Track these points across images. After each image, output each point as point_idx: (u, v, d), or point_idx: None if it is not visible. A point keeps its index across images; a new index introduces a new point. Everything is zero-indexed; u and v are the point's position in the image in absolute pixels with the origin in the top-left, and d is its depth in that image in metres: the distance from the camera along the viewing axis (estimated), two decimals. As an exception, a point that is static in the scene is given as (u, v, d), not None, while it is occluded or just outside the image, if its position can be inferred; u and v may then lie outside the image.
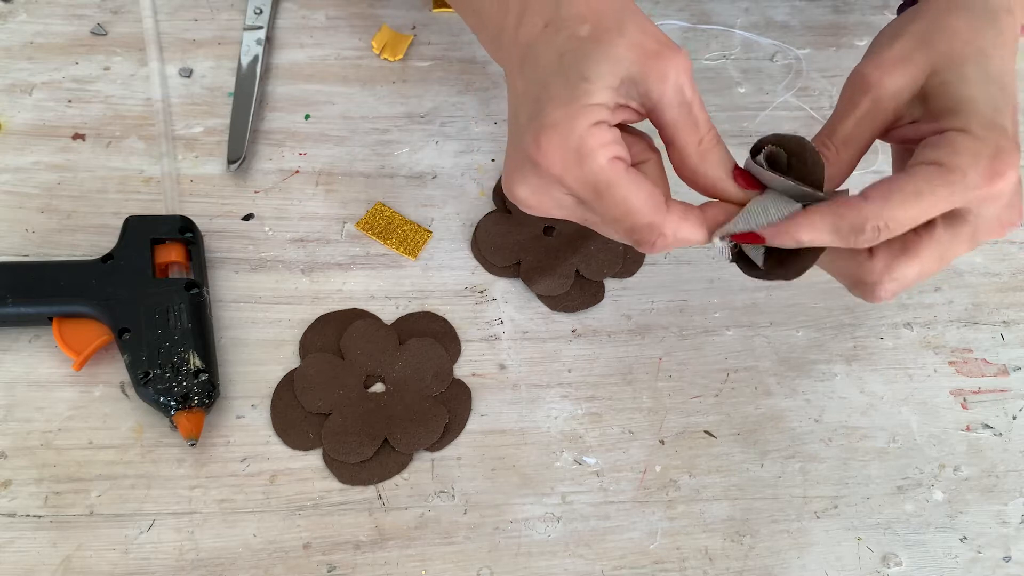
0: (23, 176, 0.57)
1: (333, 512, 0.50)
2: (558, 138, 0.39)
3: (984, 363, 0.56)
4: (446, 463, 0.51)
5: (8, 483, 0.49)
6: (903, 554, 0.50)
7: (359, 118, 0.61)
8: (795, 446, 0.53)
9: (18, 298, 0.51)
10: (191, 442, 0.49)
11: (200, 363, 0.50)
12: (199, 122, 0.60)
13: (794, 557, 0.50)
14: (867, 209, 0.40)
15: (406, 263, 0.56)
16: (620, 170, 0.40)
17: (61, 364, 0.52)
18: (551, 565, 0.49)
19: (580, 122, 0.39)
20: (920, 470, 0.53)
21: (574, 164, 0.39)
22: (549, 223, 0.57)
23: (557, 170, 0.40)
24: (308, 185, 0.58)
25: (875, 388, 0.55)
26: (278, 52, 0.63)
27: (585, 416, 0.53)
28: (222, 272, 0.55)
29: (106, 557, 0.48)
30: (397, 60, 0.63)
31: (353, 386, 0.52)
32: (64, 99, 0.60)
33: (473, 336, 0.55)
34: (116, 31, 0.62)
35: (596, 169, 0.39)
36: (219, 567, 0.48)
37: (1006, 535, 0.51)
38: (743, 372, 0.55)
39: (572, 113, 0.39)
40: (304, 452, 0.51)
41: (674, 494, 0.51)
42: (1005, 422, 0.54)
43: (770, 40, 0.66)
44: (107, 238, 0.55)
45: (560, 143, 0.39)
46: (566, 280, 0.56)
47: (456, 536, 0.49)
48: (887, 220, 0.39)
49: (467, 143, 0.60)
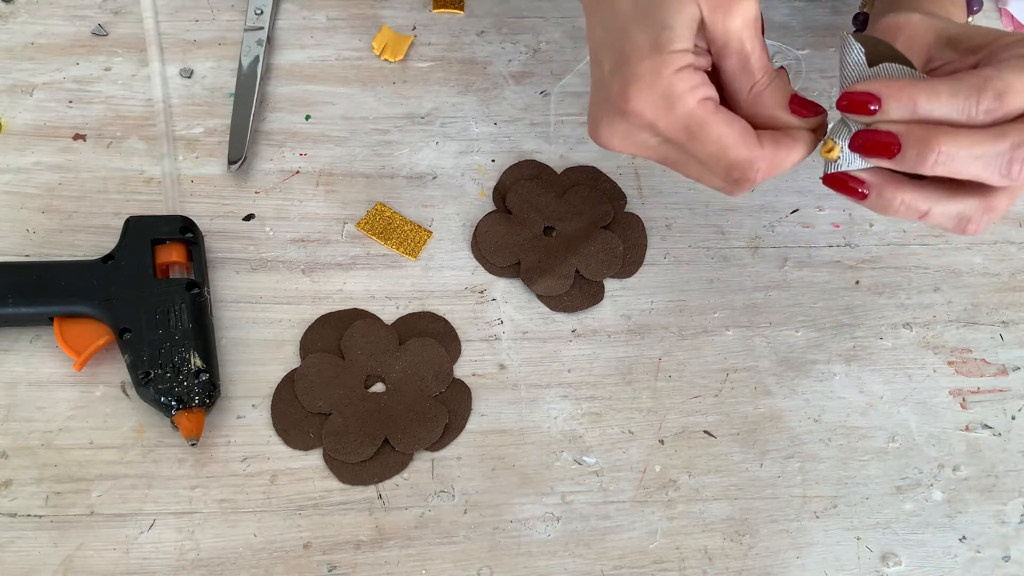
0: (24, 176, 0.57)
1: (333, 512, 0.50)
2: (646, 88, 0.39)
3: (983, 363, 0.56)
4: (446, 463, 0.51)
5: (9, 483, 0.49)
6: (902, 554, 0.51)
7: (359, 119, 0.61)
8: (794, 446, 0.53)
9: (19, 298, 0.51)
10: (192, 442, 0.49)
11: (201, 363, 0.50)
12: (200, 122, 0.60)
13: (793, 557, 0.50)
14: (984, 72, 0.38)
15: (406, 263, 0.57)
16: (711, 109, 0.40)
17: (62, 364, 0.52)
18: (551, 565, 0.49)
19: (666, 69, 0.39)
20: (919, 470, 0.53)
21: (664, 110, 0.39)
22: (549, 223, 0.57)
23: (648, 117, 0.40)
24: (309, 185, 0.58)
25: (874, 388, 0.55)
26: (279, 53, 0.63)
27: (585, 416, 0.53)
28: (223, 272, 0.55)
29: (107, 557, 0.48)
30: (397, 61, 0.63)
31: (353, 386, 0.52)
32: (65, 99, 0.60)
33: (473, 336, 0.55)
34: (117, 32, 0.62)
35: (687, 111, 0.39)
36: (220, 567, 0.48)
37: (1005, 535, 0.51)
38: (742, 372, 0.55)
39: (658, 63, 0.39)
40: (304, 452, 0.51)
41: (674, 494, 0.51)
42: (1004, 422, 0.54)
43: (770, 40, 0.65)
44: (108, 238, 0.55)
45: (648, 92, 0.39)
46: (566, 280, 0.56)
47: (456, 536, 0.50)
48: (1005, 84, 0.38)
49: (467, 143, 0.61)
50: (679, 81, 0.39)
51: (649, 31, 0.39)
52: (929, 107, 0.38)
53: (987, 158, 0.38)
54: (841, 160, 0.41)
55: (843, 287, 0.58)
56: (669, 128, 0.40)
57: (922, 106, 0.39)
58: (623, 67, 0.40)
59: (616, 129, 0.42)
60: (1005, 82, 0.38)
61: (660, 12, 0.39)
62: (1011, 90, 0.38)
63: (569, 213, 0.58)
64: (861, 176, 0.41)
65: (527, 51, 0.64)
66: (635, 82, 0.39)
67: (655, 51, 0.39)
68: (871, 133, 0.39)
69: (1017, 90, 0.38)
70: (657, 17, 0.39)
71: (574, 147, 0.61)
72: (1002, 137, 0.38)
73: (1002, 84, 0.38)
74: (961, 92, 0.38)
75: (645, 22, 0.40)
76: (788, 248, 0.58)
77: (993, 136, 0.38)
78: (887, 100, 0.39)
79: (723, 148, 0.40)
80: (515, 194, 0.58)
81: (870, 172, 0.41)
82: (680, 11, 0.39)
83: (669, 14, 0.39)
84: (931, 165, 0.38)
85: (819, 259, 0.58)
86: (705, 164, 0.41)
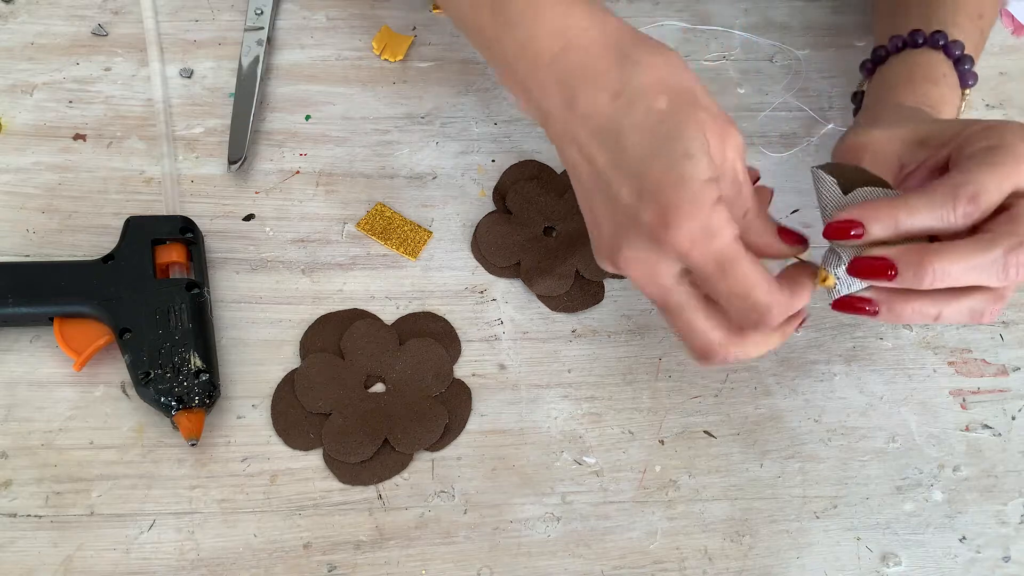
0: (24, 176, 0.57)
1: (333, 512, 0.50)
2: (688, 217, 0.39)
3: (983, 363, 0.56)
4: (446, 463, 0.51)
5: (9, 483, 0.49)
6: (902, 554, 0.51)
7: (359, 119, 0.61)
8: (794, 446, 0.53)
9: (19, 298, 0.51)
10: (192, 442, 0.49)
11: (201, 363, 0.50)
12: (200, 123, 0.60)
13: (793, 557, 0.50)
14: (953, 179, 0.40)
15: (406, 263, 0.57)
16: (742, 248, 0.40)
17: (62, 364, 0.52)
18: (551, 565, 0.49)
19: (705, 199, 0.39)
20: (919, 470, 0.53)
21: (703, 241, 0.40)
22: (549, 223, 0.57)
23: (685, 247, 0.40)
24: (309, 185, 0.58)
25: (874, 388, 0.55)
26: (279, 53, 0.63)
27: (585, 416, 0.53)
28: (223, 272, 0.55)
29: (107, 557, 0.48)
30: (397, 61, 0.63)
31: (353, 386, 0.52)
32: (65, 99, 0.60)
33: (473, 336, 0.55)
34: (117, 32, 0.62)
35: (724, 245, 0.40)
36: (220, 567, 0.48)
37: (1005, 535, 0.51)
38: (742, 372, 0.55)
39: (696, 193, 0.39)
40: (304, 452, 0.51)
41: (674, 494, 0.51)
42: (1004, 422, 0.54)
43: (770, 41, 0.66)
44: (108, 238, 0.55)
45: (689, 221, 0.39)
46: (566, 280, 0.56)
47: (456, 536, 0.50)
48: (977, 186, 0.40)
49: (467, 143, 0.61)
50: (717, 214, 0.40)
51: (671, 165, 0.40)
52: (910, 222, 0.40)
53: (982, 267, 0.40)
54: (840, 286, 0.42)
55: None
56: (703, 259, 0.40)
57: (903, 222, 0.40)
58: (657, 195, 0.40)
59: (640, 256, 0.42)
60: (976, 185, 0.40)
61: (677, 143, 0.40)
62: (983, 191, 0.40)
63: (569, 213, 0.58)
64: (867, 295, 0.42)
65: (527, 51, 0.64)
66: (675, 210, 0.39)
67: (688, 181, 0.39)
68: (867, 260, 0.41)
69: (989, 189, 0.40)
70: (675, 148, 0.40)
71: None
72: (992, 246, 0.40)
73: (973, 188, 0.40)
74: (936, 202, 0.40)
75: (664, 153, 0.40)
76: (788, 248, 0.58)
77: (984, 246, 0.40)
78: (869, 223, 0.40)
79: (750, 287, 0.40)
80: (515, 194, 0.58)
81: (875, 290, 0.42)
82: (695, 141, 0.40)
83: (687, 144, 0.40)
84: (929, 283, 0.40)
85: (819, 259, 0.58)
86: (727, 302, 0.41)
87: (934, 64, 0.52)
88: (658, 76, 0.41)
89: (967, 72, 0.53)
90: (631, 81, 0.41)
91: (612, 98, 0.42)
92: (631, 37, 0.43)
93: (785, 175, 0.60)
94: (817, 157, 0.61)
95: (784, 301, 0.41)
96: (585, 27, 0.43)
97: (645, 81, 0.41)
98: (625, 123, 0.41)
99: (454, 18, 0.50)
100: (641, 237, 0.41)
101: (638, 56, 0.42)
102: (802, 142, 0.62)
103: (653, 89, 0.41)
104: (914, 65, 0.53)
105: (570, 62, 0.43)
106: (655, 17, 0.66)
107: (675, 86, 0.41)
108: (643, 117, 0.41)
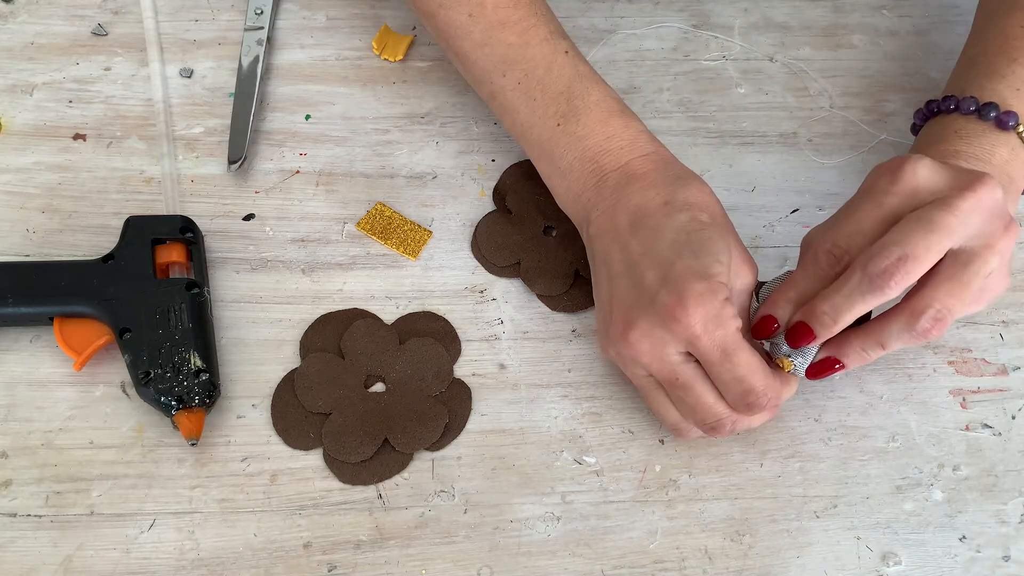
0: (24, 176, 0.57)
1: (333, 512, 0.50)
2: (703, 304, 0.45)
3: (983, 363, 0.56)
4: (446, 463, 0.51)
5: (9, 483, 0.49)
6: (902, 553, 0.51)
7: (359, 118, 0.61)
8: (794, 446, 0.53)
9: (19, 298, 0.51)
10: (192, 442, 0.49)
11: (201, 363, 0.50)
12: (200, 122, 0.60)
13: (793, 556, 0.50)
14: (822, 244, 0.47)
15: (406, 263, 0.57)
16: (744, 338, 0.46)
17: (62, 364, 0.52)
18: (551, 564, 0.49)
19: (720, 293, 0.46)
20: (919, 470, 0.53)
21: (713, 326, 0.45)
22: (549, 223, 0.57)
23: (697, 329, 0.45)
24: (309, 185, 0.58)
25: (874, 388, 0.55)
26: (279, 52, 0.63)
27: (585, 416, 0.53)
28: (223, 272, 0.55)
29: (107, 557, 0.48)
30: (397, 60, 0.63)
31: (353, 386, 0.52)
32: (65, 99, 0.60)
33: (473, 336, 0.55)
34: (117, 32, 0.62)
35: (729, 332, 0.45)
36: (220, 566, 0.48)
37: (1005, 534, 0.51)
38: (743, 372, 0.55)
39: (715, 286, 0.45)
40: (304, 452, 0.51)
41: (674, 493, 0.51)
42: (1004, 422, 0.54)
43: (769, 40, 0.66)
44: (108, 238, 0.55)
45: (704, 308, 0.45)
46: (566, 280, 0.56)
47: (456, 536, 0.50)
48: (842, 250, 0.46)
49: (467, 143, 0.61)
50: (727, 306, 0.46)
51: (699, 260, 0.46)
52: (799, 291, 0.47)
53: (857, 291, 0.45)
54: (797, 366, 0.48)
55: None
56: (710, 343, 0.45)
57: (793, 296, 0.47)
58: (678, 283, 0.46)
59: (652, 333, 0.46)
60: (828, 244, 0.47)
61: (710, 246, 0.47)
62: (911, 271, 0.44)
63: (569, 213, 0.58)
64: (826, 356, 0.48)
65: (527, 51, 0.64)
66: (693, 297, 0.45)
67: (709, 276, 0.46)
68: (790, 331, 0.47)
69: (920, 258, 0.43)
70: (708, 250, 0.46)
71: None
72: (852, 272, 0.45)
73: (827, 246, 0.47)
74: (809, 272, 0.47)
75: (695, 251, 0.46)
76: (788, 248, 0.58)
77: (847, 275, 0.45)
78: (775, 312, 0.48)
79: (749, 372, 0.46)
80: (515, 194, 0.58)
81: (832, 347, 0.48)
82: (724, 252, 0.47)
83: (718, 249, 0.47)
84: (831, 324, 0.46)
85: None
86: (725, 386, 0.46)
87: (955, 121, 0.53)
88: (703, 200, 0.49)
89: (1001, 117, 0.51)
90: (678, 195, 0.49)
91: (662, 204, 0.49)
92: (678, 164, 0.51)
93: (784, 175, 0.61)
94: (817, 156, 0.61)
95: (776, 386, 0.47)
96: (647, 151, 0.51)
97: (691, 199, 0.48)
98: (667, 224, 0.48)
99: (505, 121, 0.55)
100: (656, 316, 0.46)
101: (690, 182, 0.49)
102: (801, 142, 0.62)
103: (697, 205, 0.48)
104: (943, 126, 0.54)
105: (632, 170, 0.50)
106: (655, 17, 0.66)
107: (716, 210, 0.49)
108: (686, 223, 0.47)
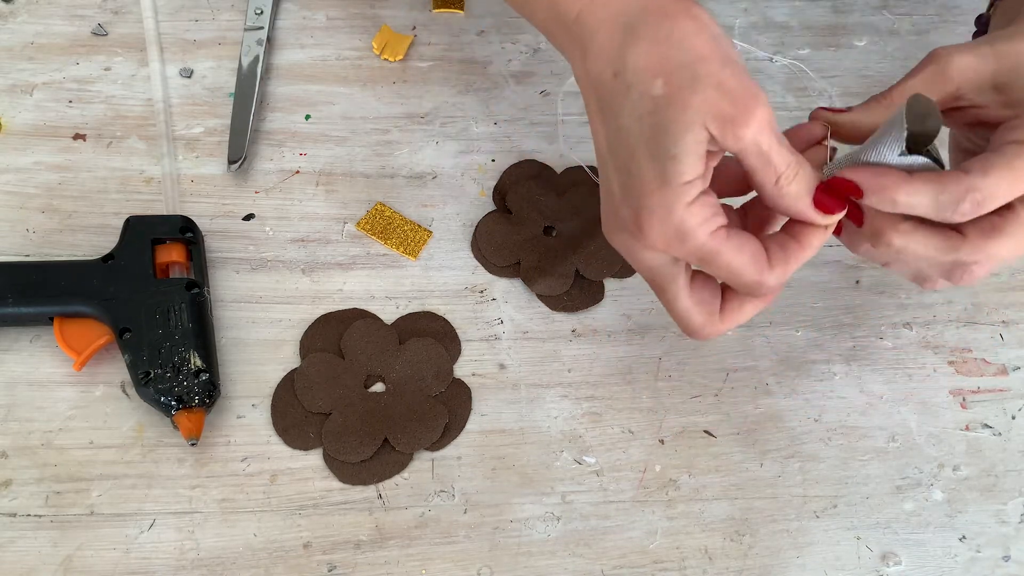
0: (24, 176, 0.57)
1: (333, 512, 0.50)
2: (659, 222, 0.40)
3: (983, 363, 0.56)
4: (446, 463, 0.51)
5: (9, 483, 0.49)
6: (902, 553, 0.51)
7: (359, 118, 0.61)
8: (794, 446, 0.53)
9: (19, 298, 0.51)
10: (192, 442, 0.49)
11: (201, 363, 0.50)
12: (200, 122, 0.60)
13: (793, 556, 0.50)
14: (968, 181, 0.39)
15: (406, 263, 0.57)
16: (721, 238, 0.41)
17: (62, 364, 0.52)
18: (551, 564, 0.49)
19: (678, 205, 0.39)
20: (919, 470, 0.53)
21: (677, 243, 0.40)
22: (549, 223, 0.57)
23: (660, 247, 0.41)
24: (308, 185, 0.58)
25: (874, 388, 0.55)
26: (278, 52, 0.63)
27: (585, 416, 0.53)
28: (223, 272, 0.55)
29: (107, 557, 0.48)
30: (397, 60, 0.63)
31: (353, 386, 0.52)
32: (65, 99, 0.60)
33: (473, 336, 0.55)
34: (117, 31, 0.62)
35: (699, 244, 0.40)
36: (220, 566, 0.48)
37: (1005, 534, 0.51)
38: (742, 372, 0.55)
39: (669, 198, 0.39)
40: (304, 452, 0.51)
41: (674, 493, 0.51)
42: (1004, 422, 0.54)
43: (769, 40, 0.66)
44: (108, 238, 0.55)
45: (661, 226, 0.40)
46: (566, 280, 0.56)
47: (456, 536, 0.50)
48: (986, 193, 0.39)
49: (467, 143, 0.61)
50: (690, 216, 0.40)
51: (656, 161, 0.39)
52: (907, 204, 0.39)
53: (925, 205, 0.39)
54: None
55: (843, 286, 0.58)
56: (682, 254, 0.41)
57: (900, 203, 0.39)
58: (633, 197, 0.40)
59: (628, 246, 0.43)
60: (985, 193, 0.39)
61: (665, 139, 0.39)
62: (991, 199, 0.39)
63: (569, 213, 0.58)
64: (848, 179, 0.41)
65: (527, 51, 0.64)
66: (648, 216, 0.40)
67: (664, 184, 0.39)
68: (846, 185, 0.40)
69: (997, 197, 0.39)
70: (663, 144, 0.39)
71: (574, 147, 0.61)
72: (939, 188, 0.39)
73: (982, 195, 0.39)
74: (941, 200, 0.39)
75: (651, 147, 0.39)
76: (788, 248, 0.58)
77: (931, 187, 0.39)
78: (868, 192, 0.40)
79: (735, 274, 0.41)
80: (515, 194, 0.58)
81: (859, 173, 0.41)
82: (685, 137, 0.39)
83: (675, 142, 0.39)
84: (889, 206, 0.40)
85: (819, 258, 0.58)
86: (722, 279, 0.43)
87: None
88: (659, 55, 0.39)
89: None
90: (628, 61, 0.40)
91: (613, 76, 0.40)
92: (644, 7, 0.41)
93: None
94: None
95: (777, 274, 0.42)
96: None
97: (642, 63, 0.39)
98: (623, 109, 0.40)
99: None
100: (627, 233, 0.42)
101: (644, 31, 0.40)
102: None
103: (650, 71, 0.39)
104: None
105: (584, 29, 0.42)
106: (655, 17, 0.66)
107: (676, 65, 0.39)
108: (638, 102, 0.39)
